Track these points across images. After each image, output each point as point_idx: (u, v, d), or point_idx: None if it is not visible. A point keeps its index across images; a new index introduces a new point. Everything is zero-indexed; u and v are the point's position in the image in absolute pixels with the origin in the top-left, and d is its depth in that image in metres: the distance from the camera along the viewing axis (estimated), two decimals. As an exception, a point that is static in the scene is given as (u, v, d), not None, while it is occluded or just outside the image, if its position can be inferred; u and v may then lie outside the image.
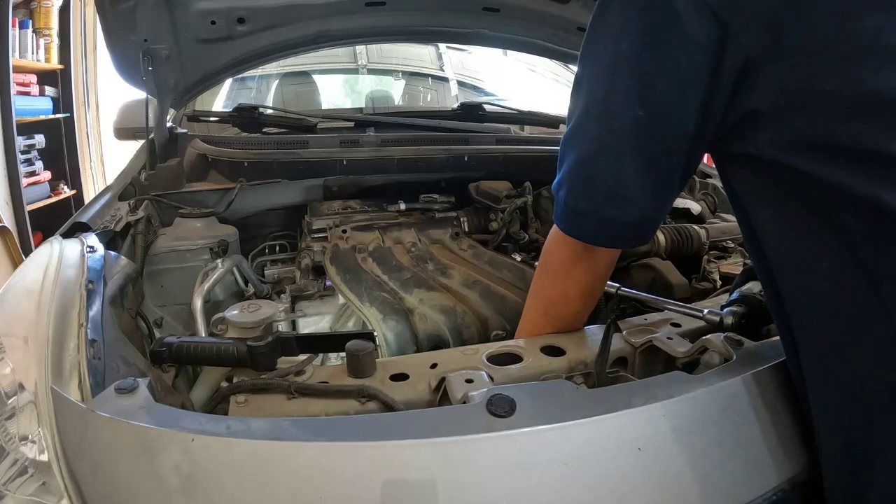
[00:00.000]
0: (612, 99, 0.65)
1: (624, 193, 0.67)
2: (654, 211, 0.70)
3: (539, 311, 0.88)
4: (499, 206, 1.40)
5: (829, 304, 0.60)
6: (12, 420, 0.64)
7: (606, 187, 0.68)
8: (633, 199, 0.67)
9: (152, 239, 1.24)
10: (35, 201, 3.63)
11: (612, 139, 0.66)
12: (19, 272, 0.93)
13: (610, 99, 0.65)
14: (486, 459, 0.56)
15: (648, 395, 0.63)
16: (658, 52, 0.61)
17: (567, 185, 0.72)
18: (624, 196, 0.67)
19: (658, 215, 0.71)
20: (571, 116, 0.71)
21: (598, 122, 0.67)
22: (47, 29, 3.86)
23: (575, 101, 0.70)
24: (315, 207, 1.44)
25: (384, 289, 1.14)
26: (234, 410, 0.69)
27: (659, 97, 0.62)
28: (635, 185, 0.66)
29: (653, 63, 0.61)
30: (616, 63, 0.63)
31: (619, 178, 0.67)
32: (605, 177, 0.68)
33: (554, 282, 0.85)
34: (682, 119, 0.62)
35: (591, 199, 0.70)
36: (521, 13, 1.78)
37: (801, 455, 0.67)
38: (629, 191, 0.67)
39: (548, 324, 0.87)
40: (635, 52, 0.62)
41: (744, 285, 0.89)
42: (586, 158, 0.69)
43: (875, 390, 0.58)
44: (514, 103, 2.19)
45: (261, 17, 1.58)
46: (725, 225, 1.42)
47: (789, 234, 0.61)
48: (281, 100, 2.37)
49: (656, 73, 0.61)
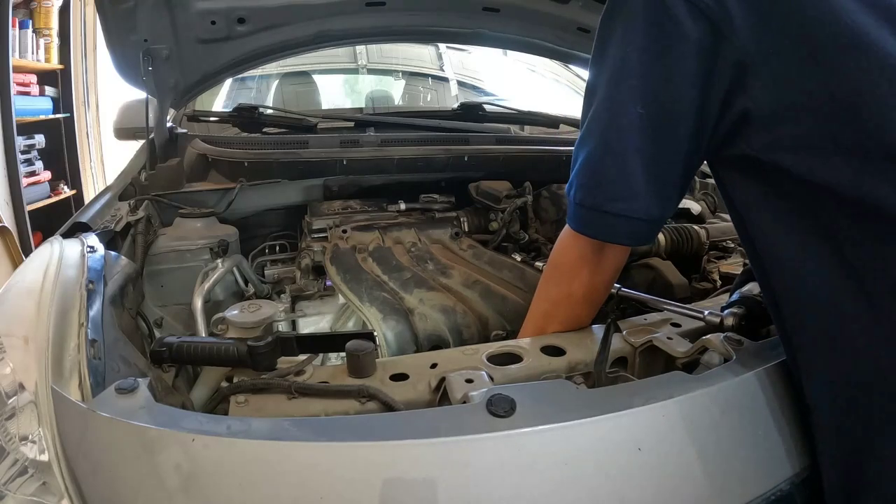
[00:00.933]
0: (618, 99, 0.68)
1: (629, 189, 0.69)
2: (658, 209, 0.71)
3: (542, 313, 0.89)
4: (499, 206, 1.40)
5: (820, 304, 0.61)
6: (12, 420, 0.64)
7: (612, 183, 0.71)
8: (638, 195, 0.69)
9: (152, 239, 1.24)
10: (35, 201, 3.63)
11: (617, 137, 0.69)
12: (19, 272, 0.93)
13: (616, 100, 0.69)
14: (486, 459, 0.56)
15: (648, 395, 0.63)
16: (659, 55, 0.64)
17: (577, 183, 0.75)
18: (629, 192, 0.70)
19: (662, 213, 0.72)
20: (583, 120, 0.74)
21: (606, 122, 0.70)
22: (47, 29, 3.87)
23: (587, 106, 0.74)
24: (315, 207, 1.44)
25: (384, 289, 1.14)
26: (235, 410, 0.69)
27: (660, 97, 0.66)
28: (639, 181, 0.69)
29: (654, 65, 0.65)
30: (622, 66, 0.67)
31: (623, 174, 0.69)
32: (610, 173, 0.71)
33: (560, 283, 0.86)
34: (681, 119, 0.65)
35: (597, 194, 0.72)
36: (521, 13, 1.78)
37: (801, 455, 0.67)
38: (634, 187, 0.69)
39: (550, 326, 0.87)
40: (640, 54, 0.65)
41: (744, 286, 0.89)
42: (594, 156, 0.72)
43: (867, 389, 0.59)
44: (514, 103, 2.20)
45: (261, 17, 1.58)
46: (725, 225, 1.42)
47: (781, 237, 0.63)
48: (281, 100, 2.37)
49: (657, 75, 0.65)
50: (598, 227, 0.75)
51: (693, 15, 0.60)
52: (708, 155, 0.70)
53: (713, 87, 0.62)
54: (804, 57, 0.56)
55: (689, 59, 0.62)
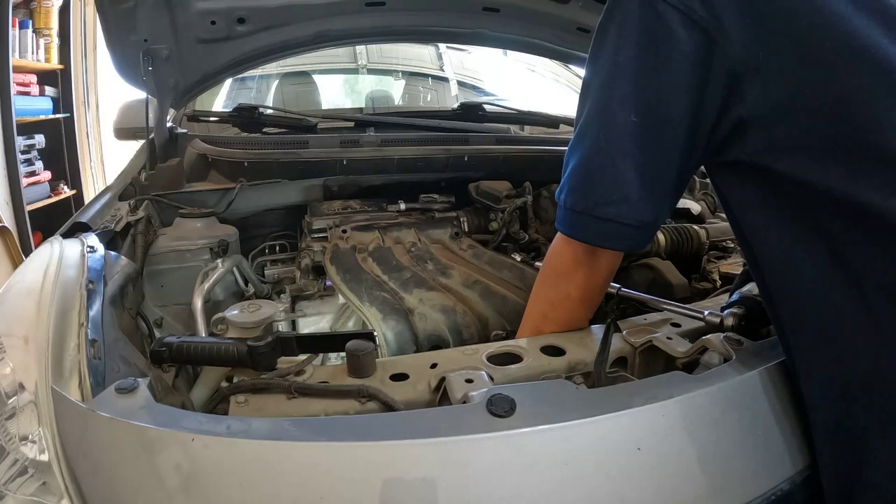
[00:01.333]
0: (611, 106, 0.68)
1: (620, 194, 0.69)
2: (651, 214, 0.71)
3: (539, 314, 0.89)
4: (499, 206, 1.40)
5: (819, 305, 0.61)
6: (12, 420, 0.64)
7: (603, 188, 0.70)
8: (629, 200, 0.69)
9: (152, 239, 1.24)
10: (35, 201, 3.63)
11: (608, 143, 0.69)
12: (19, 272, 0.93)
13: (609, 106, 0.68)
14: (486, 459, 0.56)
15: (648, 395, 0.63)
16: (653, 63, 0.64)
17: (567, 187, 0.74)
18: (620, 197, 0.69)
19: (654, 219, 0.72)
20: (577, 123, 0.74)
21: (598, 127, 0.70)
22: (47, 29, 3.87)
23: (580, 108, 0.73)
24: (315, 207, 1.44)
25: (384, 289, 1.14)
26: (234, 410, 0.69)
27: (653, 105, 0.65)
28: (631, 186, 0.68)
29: (648, 73, 0.65)
30: (616, 72, 0.67)
31: (614, 179, 0.69)
32: (601, 177, 0.70)
33: (556, 285, 0.86)
34: (674, 126, 0.65)
35: (588, 199, 0.71)
36: (521, 13, 1.78)
37: (801, 454, 0.67)
38: (625, 192, 0.69)
39: (547, 327, 0.87)
40: (633, 62, 0.66)
41: (743, 286, 0.89)
42: (585, 160, 0.71)
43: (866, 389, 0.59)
44: (514, 103, 2.19)
45: (261, 17, 1.58)
46: (725, 225, 1.42)
47: (778, 239, 0.64)
48: (281, 100, 2.37)
49: (650, 83, 0.65)
50: (588, 231, 0.75)
51: (686, 25, 0.60)
52: (704, 160, 0.70)
53: (708, 95, 0.62)
54: (798, 61, 0.57)
55: (682, 67, 0.62)
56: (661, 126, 0.66)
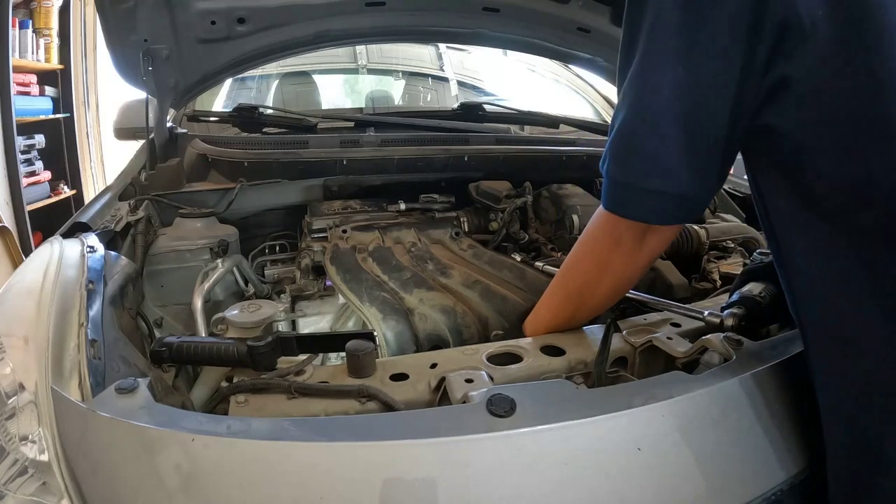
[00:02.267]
0: (654, 59, 0.62)
1: (664, 163, 0.64)
2: (697, 187, 0.66)
3: (562, 295, 0.86)
4: (499, 206, 1.40)
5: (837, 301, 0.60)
6: (12, 420, 0.64)
7: (645, 155, 0.65)
8: (674, 171, 0.64)
9: (152, 239, 1.24)
10: (35, 201, 3.63)
11: (652, 100, 0.63)
12: (19, 272, 0.93)
13: (651, 59, 0.62)
14: (486, 459, 0.56)
15: (648, 395, 0.63)
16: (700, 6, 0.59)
17: (609, 156, 0.69)
18: (664, 167, 0.64)
19: (701, 193, 0.67)
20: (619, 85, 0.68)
21: (640, 82, 0.64)
22: (47, 29, 3.87)
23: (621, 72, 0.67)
24: (315, 207, 1.43)
25: (384, 289, 1.14)
26: (235, 410, 0.69)
27: (702, 52, 0.59)
28: (676, 154, 0.63)
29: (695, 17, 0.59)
30: (658, 22, 0.61)
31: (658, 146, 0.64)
32: (644, 143, 0.65)
33: (588, 268, 0.81)
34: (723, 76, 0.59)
35: (632, 168, 0.67)
36: (521, 13, 1.78)
37: (801, 455, 0.67)
38: (669, 161, 0.63)
39: (569, 308, 0.85)
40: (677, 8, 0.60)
41: (743, 286, 0.89)
42: (627, 125, 0.66)
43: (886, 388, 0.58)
44: (514, 103, 2.19)
45: (261, 17, 1.58)
46: (725, 225, 1.42)
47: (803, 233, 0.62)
48: (281, 100, 2.37)
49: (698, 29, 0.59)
50: (634, 205, 0.69)
51: None
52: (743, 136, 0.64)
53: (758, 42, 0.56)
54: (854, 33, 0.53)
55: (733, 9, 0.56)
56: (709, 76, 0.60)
